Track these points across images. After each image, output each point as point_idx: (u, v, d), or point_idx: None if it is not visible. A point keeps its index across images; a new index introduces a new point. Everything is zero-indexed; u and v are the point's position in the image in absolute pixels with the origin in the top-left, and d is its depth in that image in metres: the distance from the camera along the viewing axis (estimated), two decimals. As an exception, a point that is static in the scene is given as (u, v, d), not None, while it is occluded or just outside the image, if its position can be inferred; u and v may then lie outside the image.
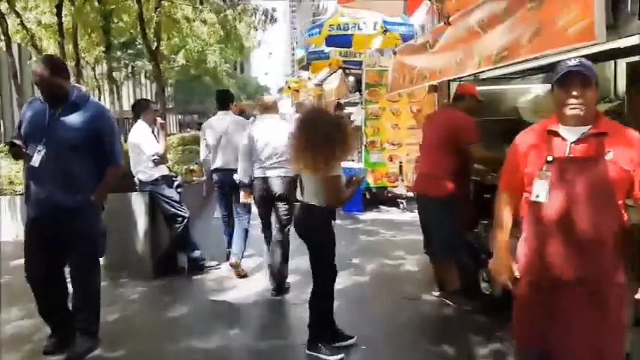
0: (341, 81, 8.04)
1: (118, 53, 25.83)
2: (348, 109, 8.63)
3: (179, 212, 4.54)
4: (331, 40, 8.08)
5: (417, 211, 3.84)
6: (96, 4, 12.50)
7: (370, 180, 7.77)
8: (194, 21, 20.16)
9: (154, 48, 11.67)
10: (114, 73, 25.11)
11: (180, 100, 40.18)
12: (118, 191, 4.85)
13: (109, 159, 3.04)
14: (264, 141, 3.97)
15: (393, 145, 7.87)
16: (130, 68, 29.52)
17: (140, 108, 4.60)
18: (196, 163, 10.28)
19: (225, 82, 29.51)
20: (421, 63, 3.69)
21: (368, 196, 7.77)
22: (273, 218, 4.05)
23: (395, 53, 4.41)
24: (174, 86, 34.71)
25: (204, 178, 8.61)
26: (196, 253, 4.66)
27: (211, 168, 4.82)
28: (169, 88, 36.87)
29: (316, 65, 10.61)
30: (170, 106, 41.24)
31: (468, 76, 3.53)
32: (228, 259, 4.58)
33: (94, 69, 23.06)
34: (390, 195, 8.00)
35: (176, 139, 18.60)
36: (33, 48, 11.75)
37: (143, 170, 4.49)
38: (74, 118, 2.91)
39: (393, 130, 7.84)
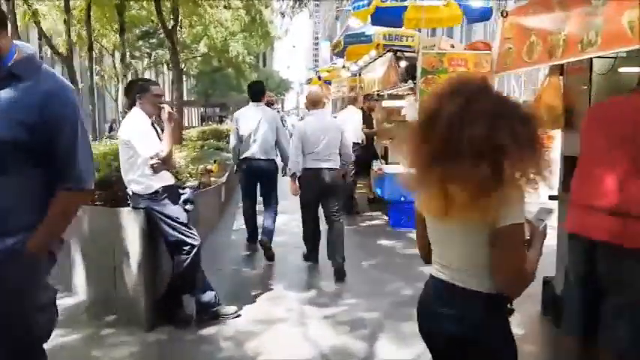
0: (389, 68, 6.61)
1: (140, 43, 24.88)
2: (394, 103, 7.21)
3: (187, 238, 3.22)
4: (379, 16, 6.64)
5: (574, 262, 2.17)
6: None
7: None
8: (216, 7, 18.94)
9: (170, 28, 10.38)
10: (134, 62, 24.24)
11: (202, 93, 39.06)
12: (105, 205, 3.62)
13: (64, 174, 1.71)
14: (316, 134, 4.23)
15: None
16: (151, 58, 28.48)
17: (136, 90, 3.28)
18: (214, 161, 9.05)
19: (247, 74, 28.38)
20: (571, 25, 2.26)
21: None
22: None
23: (505, 15, 2.98)
24: (197, 78, 33.61)
25: (224, 179, 7.35)
26: (208, 296, 3.33)
27: (241, 157, 4.85)
28: (192, 80, 35.94)
29: (353, 51, 9.22)
30: (192, 99, 40.50)
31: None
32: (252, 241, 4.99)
33: (112, 55, 22.01)
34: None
35: (196, 133, 17.50)
36: (36, 26, 10.55)
37: (137, 179, 3.18)
38: (7, 98, 1.61)
39: (453, 128, 6.39)
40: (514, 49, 2.83)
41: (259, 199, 5.01)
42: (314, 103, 4.45)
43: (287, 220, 5.79)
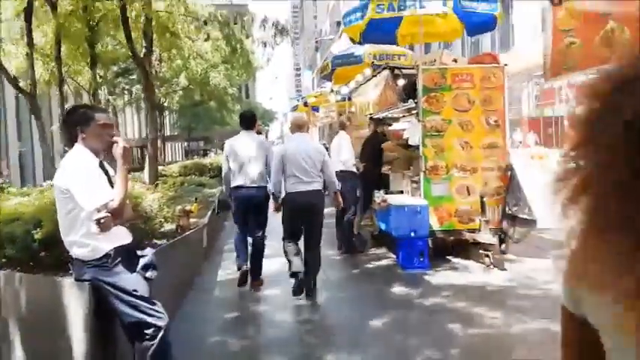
0: (386, 87, 5.96)
1: (119, 79, 24.26)
2: (395, 126, 6.53)
3: (149, 318, 2.37)
4: (371, 31, 6.01)
5: None
6: (80, 12, 10.63)
7: (434, 221, 5.58)
8: (196, 40, 18.48)
9: (142, 56, 9.67)
10: (112, 98, 23.46)
11: (184, 127, 38.32)
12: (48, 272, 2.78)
13: None
14: (298, 157, 4.33)
15: (464, 170, 5.70)
16: (132, 95, 27.73)
17: (76, 120, 2.48)
18: (195, 199, 8.21)
19: (230, 106, 27.83)
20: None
21: (431, 244, 5.50)
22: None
23: (558, 2, 2.29)
24: (179, 112, 32.95)
25: (206, 219, 6.58)
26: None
27: (233, 185, 4.80)
28: (174, 114, 35.27)
29: (342, 73, 8.61)
30: (175, 133, 39.72)
31: None
32: (239, 269, 4.75)
33: (89, 93, 21.29)
34: (464, 242, 5.77)
35: (177, 168, 16.67)
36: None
37: (80, 240, 2.35)
38: None
39: (463, 151, 5.69)
40: (579, 42, 2.13)
41: None
42: (298, 126, 4.59)
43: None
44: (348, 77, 8.46)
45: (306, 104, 11.62)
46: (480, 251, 5.44)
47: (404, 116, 6.64)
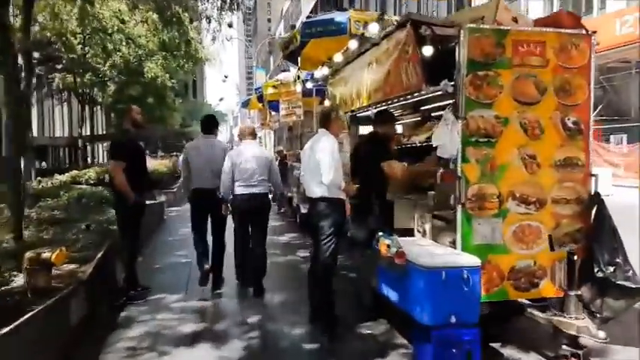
0: (400, 58, 3.61)
1: (38, 69, 20.34)
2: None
3: None
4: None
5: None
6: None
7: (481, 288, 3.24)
8: (127, 21, 15.49)
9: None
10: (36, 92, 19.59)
11: (119, 126, 34.04)
12: None
13: None
14: (246, 162, 4.66)
15: (527, 203, 3.43)
16: (54, 85, 23.59)
17: None
18: (87, 228, 5.49)
19: (171, 104, 24.59)
20: None
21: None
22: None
23: None
24: (112, 107, 29.00)
25: (90, 269, 3.98)
26: None
27: (193, 187, 4.91)
28: (102, 112, 31.17)
29: (312, 53, 6.17)
30: (108, 132, 35.46)
31: None
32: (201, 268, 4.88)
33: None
34: (528, 315, 3.46)
35: (95, 173, 13.37)
36: None
37: None
38: None
39: (525, 170, 3.42)
40: None
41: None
42: (246, 134, 4.93)
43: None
44: (319, 60, 6.04)
45: (261, 99, 9.08)
46: (563, 346, 3.14)
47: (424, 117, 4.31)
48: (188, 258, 6.43)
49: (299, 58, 6.35)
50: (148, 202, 9.55)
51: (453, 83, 3.37)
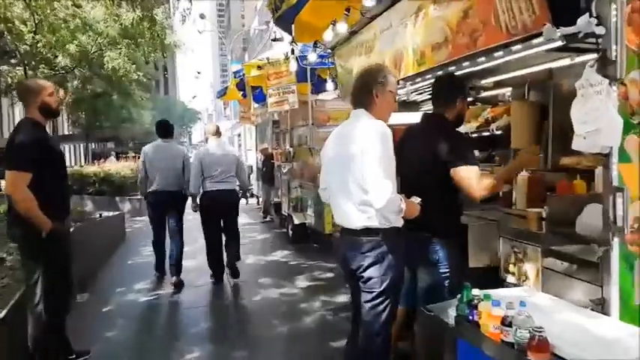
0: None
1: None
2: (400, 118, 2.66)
3: None
4: None
5: None
6: None
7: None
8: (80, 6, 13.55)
9: None
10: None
11: (86, 126, 31.17)
12: None
13: None
14: (214, 160, 4.89)
15: None
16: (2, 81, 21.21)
17: None
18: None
19: (137, 100, 22.52)
20: None
21: None
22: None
23: None
24: (73, 105, 26.59)
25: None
26: None
27: (150, 189, 5.10)
28: (67, 109, 28.66)
29: (311, 20, 4.58)
30: (72, 132, 32.84)
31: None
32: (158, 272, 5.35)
33: None
34: None
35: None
36: None
37: None
38: None
39: None
40: None
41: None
42: (212, 132, 5.11)
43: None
44: (320, 28, 4.47)
45: (241, 85, 7.37)
46: None
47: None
48: (154, 292, 4.84)
49: (292, 27, 4.75)
50: (105, 214, 7.94)
51: (598, 22, 1.89)
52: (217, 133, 5.14)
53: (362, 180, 2.08)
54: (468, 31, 2.30)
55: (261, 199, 11.44)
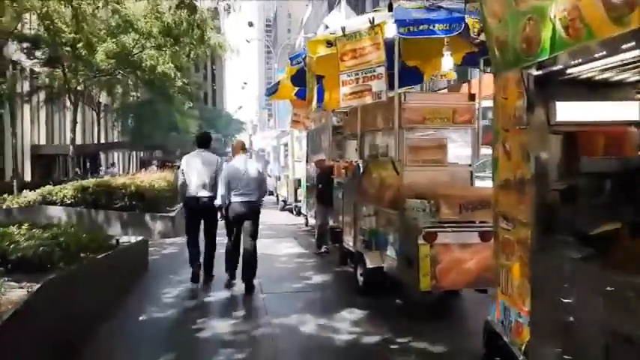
0: None
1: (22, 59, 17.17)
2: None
3: None
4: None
5: None
6: None
7: None
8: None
9: None
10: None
11: (135, 132, 30.20)
12: None
13: None
14: (239, 174, 5.37)
15: None
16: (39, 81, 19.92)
17: None
18: None
19: (181, 106, 21.41)
20: None
21: None
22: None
23: None
24: (118, 112, 25.99)
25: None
26: None
27: (187, 195, 5.63)
28: (113, 117, 28.14)
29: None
30: (117, 140, 32.41)
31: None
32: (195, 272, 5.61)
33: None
34: None
35: (71, 191, 10.00)
36: None
37: None
38: None
39: None
40: None
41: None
42: (238, 149, 5.66)
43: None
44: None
45: (297, 79, 5.38)
46: None
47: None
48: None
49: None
50: (124, 239, 6.32)
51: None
52: (244, 149, 5.70)
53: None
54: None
55: (310, 220, 9.56)
